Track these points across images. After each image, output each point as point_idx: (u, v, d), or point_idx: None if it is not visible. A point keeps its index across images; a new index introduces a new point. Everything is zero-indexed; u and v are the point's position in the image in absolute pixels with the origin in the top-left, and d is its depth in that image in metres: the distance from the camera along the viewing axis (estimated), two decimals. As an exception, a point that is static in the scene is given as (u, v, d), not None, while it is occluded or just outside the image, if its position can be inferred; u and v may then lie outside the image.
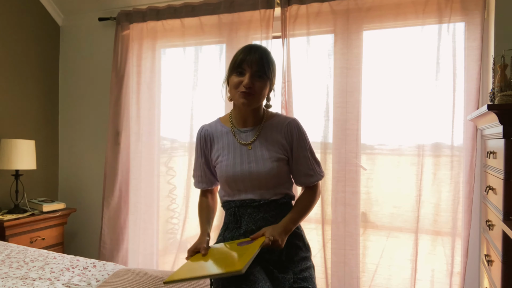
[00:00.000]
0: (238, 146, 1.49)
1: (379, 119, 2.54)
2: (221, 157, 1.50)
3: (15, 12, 3.11)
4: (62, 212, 3.02)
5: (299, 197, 1.53)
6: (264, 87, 1.43)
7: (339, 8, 2.55)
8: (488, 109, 1.63)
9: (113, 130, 3.09)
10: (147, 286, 1.71)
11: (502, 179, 1.64)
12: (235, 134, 1.52)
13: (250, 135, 1.50)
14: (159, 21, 2.97)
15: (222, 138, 1.53)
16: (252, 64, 1.40)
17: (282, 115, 1.56)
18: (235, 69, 1.43)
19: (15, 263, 1.98)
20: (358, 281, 2.52)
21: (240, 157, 1.47)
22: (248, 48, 1.44)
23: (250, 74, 1.40)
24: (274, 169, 1.44)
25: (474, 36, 2.27)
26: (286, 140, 1.49)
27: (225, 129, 1.54)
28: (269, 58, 1.45)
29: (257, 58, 1.40)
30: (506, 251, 1.63)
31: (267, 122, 1.52)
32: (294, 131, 1.49)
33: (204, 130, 1.57)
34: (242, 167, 1.45)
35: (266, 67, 1.42)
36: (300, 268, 1.42)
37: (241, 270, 1.12)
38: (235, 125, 1.53)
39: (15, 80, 3.11)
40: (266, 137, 1.49)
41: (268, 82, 1.44)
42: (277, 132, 1.49)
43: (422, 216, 2.40)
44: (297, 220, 1.46)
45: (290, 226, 1.41)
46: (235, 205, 1.48)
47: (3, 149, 2.76)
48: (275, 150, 1.47)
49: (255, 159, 1.46)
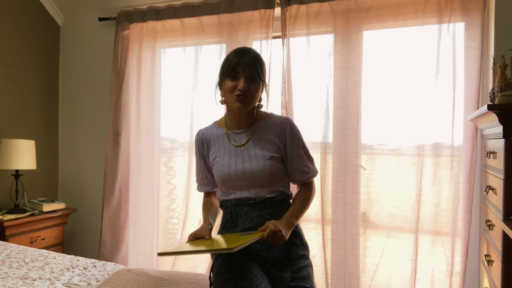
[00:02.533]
0: (232, 148, 1.52)
1: (379, 119, 2.54)
2: (217, 158, 1.54)
3: (15, 12, 3.11)
4: (62, 212, 3.02)
5: (296, 194, 1.56)
6: (258, 90, 1.47)
7: (339, 8, 2.55)
8: (488, 109, 1.62)
9: (113, 130, 3.09)
10: (147, 286, 1.71)
11: (502, 179, 1.64)
12: (229, 136, 1.55)
13: (244, 136, 1.53)
14: (159, 21, 2.97)
15: (218, 141, 1.56)
16: (246, 67, 1.42)
17: (275, 115, 1.58)
18: (228, 73, 1.45)
19: (15, 263, 1.98)
20: (358, 281, 2.52)
21: (235, 158, 1.50)
22: (241, 52, 1.46)
23: (244, 78, 1.42)
24: (267, 167, 1.46)
25: (474, 36, 2.27)
26: (279, 139, 1.51)
27: (220, 132, 1.57)
28: (261, 60, 1.48)
29: (250, 61, 1.43)
30: (506, 251, 1.63)
31: (261, 123, 1.54)
32: (286, 129, 1.51)
33: (201, 134, 1.61)
34: (237, 167, 1.48)
35: (259, 70, 1.45)
36: (298, 266, 1.43)
37: (232, 249, 1.15)
38: (229, 128, 1.56)
39: (15, 80, 3.11)
40: (259, 137, 1.51)
41: (261, 84, 1.47)
42: (270, 131, 1.52)
43: (422, 216, 2.40)
44: (298, 215, 1.47)
45: (292, 221, 1.43)
46: (231, 204, 1.50)
47: (3, 149, 2.76)
48: (268, 149, 1.49)
49: (248, 159, 1.48)
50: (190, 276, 1.81)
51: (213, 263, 1.46)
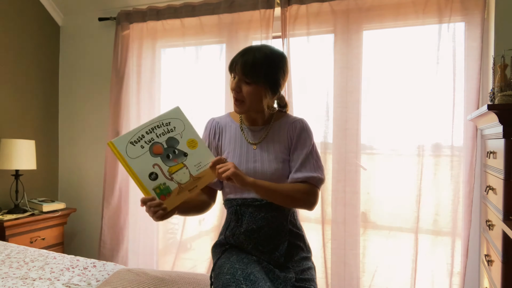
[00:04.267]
0: (245, 144, 1.47)
1: (379, 119, 2.54)
2: (226, 152, 1.49)
3: (15, 12, 3.11)
4: (62, 212, 3.02)
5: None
6: (253, 93, 1.36)
7: (339, 8, 2.55)
8: (488, 109, 1.62)
9: (113, 130, 3.09)
10: (147, 286, 1.71)
11: (502, 179, 1.64)
12: (243, 130, 1.50)
13: (258, 135, 1.48)
14: (159, 21, 2.97)
15: (230, 132, 1.50)
16: (241, 67, 1.35)
17: (291, 116, 1.52)
18: (230, 71, 1.41)
19: (15, 263, 1.98)
20: (358, 281, 2.52)
21: (246, 155, 1.45)
22: (244, 50, 1.40)
23: (238, 78, 1.38)
24: (279, 170, 1.42)
25: (474, 36, 2.27)
26: (289, 140, 1.46)
27: (234, 124, 1.52)
28: (268, 61, 1.36)
29: (247, 61, 1.34)
30: (506, 251, 1.63)
31: (276, 122, 1.49)
32: (297, 131, 1.46)
33: (215, 122, 1.53)
34: (247, 166, 1.43)
35: (258, 71, 1.34)
36: (301, 268, 1.42)
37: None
38: (244, 122, 1.51)
39: (15, 80, 3.11)
40: (273, 138, 1.47)
41: (260, 86, 1.37)
42: (283, 132, 1.47)
43: (422, 216, 2.40)
44: (273, 190, 1.36)
45: (261, 184, 1.34)
46: (237, 203, 1.45)
47: (3, 149, 2.76)
48: (281, 150, 1.45)
49: (260, 159, 1.44)
50: (190, 276, 1.81)
51: (214, 264, 1.45)
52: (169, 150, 1.32)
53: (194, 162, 1.34)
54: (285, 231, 1.44)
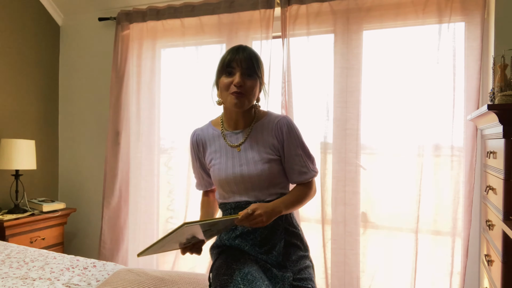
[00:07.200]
0: (229, 149, 1.48)
1: (379, 119, 2.53)
2: (213, 160, 1.50)
3: (15, 12, 3.11)
4: (62, 212, 3.02)
5: (294, 188, 1.50)
6: (254, 86, 1.42)
7: (339, 8, 2.55)
8: (488, 109, 1.62)
9: (113, 130, 3.09)
10: (147, 286, 1.71)
11: (502, 179, 1.64)
12: (225, 137, 1.50)
13: (240, 137, 1.48)
14: (159, 21, 2.97)
15: (214, 142, 1.52)
16: (242, 62, 1.39)
17: (273, 114, 1.52)
18: (224, 70, 1.42)
19: (15, 263, 1.98)
20: (358, 281, 2.52)
21: (232, 160, 1.46)
22: (236, 48, 1.43)
23: (240, 72, 1.39)
24: (265, 171, 1.42)
25: (474, 36, 2.27)
26: (277, 139, 1.46)
27: (216, 132, 1.53)
28: (257, 57, 1.44)
29: (246, 56, 1.39)
30: (506, 251, 1.63)
31: (258, 123, 1.49)
32: (283, 129, 1.46)
33: (196, 135, 1.56)
34: (234, 170, 1.44)
35: (256, 66, 1.41)
36: (299, 267, 1.42)
37: (197, 222, 1.15)
38: (225, 128, 1.52)
39: (15, 80, 3.11)
40: (256, 139, 1.47)
41: (258, 81, 1.43)
42: (267, 132, 1.47)
43: (422, 216, 2.39)
44: (289, 205, 1.42)
45: (280, 208, 1.38)
46: (230, 207, 1.47)
47: (3, 149, 2.76)
48: (266, 151, 1.45)
49: (246, 162, 1.44)
50: (190, 276, 1.81)
51: (213, 264, 1.46)
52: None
53: (209, 233, 1.33)
54: (281, 230, 1.44)
